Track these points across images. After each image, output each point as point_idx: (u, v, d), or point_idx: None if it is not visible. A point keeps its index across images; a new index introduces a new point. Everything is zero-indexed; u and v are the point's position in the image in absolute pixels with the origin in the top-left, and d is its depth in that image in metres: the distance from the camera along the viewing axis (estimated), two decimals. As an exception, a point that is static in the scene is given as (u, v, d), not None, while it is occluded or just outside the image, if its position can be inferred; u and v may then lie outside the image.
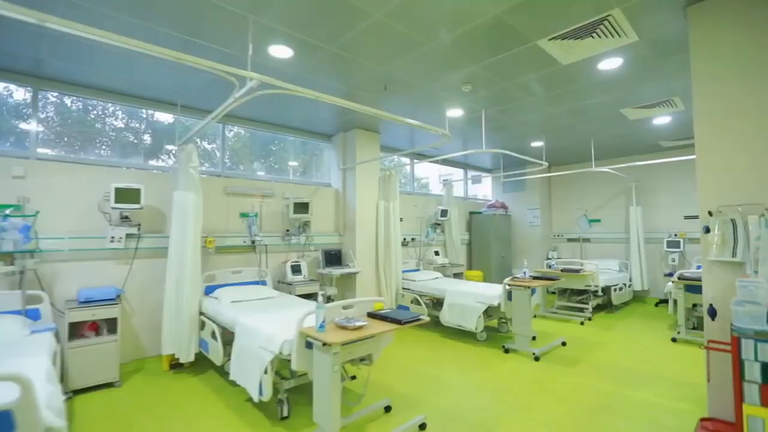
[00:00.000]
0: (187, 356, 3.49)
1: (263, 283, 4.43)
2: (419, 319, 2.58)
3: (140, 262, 3.84)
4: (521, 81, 3.72)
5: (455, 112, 4.65)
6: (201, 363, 3.74)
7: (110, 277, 3.67)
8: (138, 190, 3.56)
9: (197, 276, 3.64)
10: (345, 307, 2.77)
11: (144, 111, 4.33)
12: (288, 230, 4.95)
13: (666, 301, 6.52)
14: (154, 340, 3.82)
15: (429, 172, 7.91)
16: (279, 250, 4.88)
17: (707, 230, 2.35)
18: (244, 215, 4.47)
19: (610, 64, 3.36)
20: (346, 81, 3.73)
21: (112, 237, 3.57)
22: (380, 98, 4.17)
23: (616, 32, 2.86)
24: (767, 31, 2.24)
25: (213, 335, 3.35)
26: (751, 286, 1.96)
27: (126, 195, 3.51)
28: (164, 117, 4.44)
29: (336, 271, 4.87)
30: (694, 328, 4.88)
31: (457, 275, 6.58)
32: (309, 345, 2.39)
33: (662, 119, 4.96)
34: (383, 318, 2.59)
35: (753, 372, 1.85)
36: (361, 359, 2.79)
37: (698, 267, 6.10)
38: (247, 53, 3.07)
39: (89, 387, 3.17)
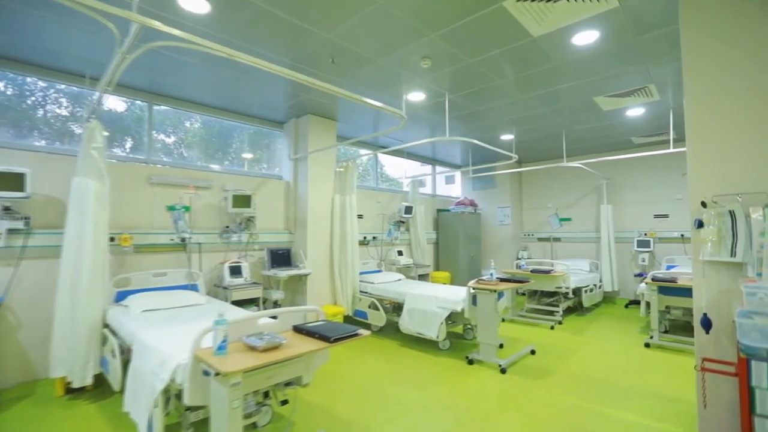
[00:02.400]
0: (81, 379, 2.84)
1: (194, 287, 3.81)
2: (356, 335, 2.06)
3: (31, 264, 3.15)
4: (487, 57, 3.28)
5: (416, 96, 4.17)
6: (107, 386, 3.08)
7: (-13, 282, 2.97)
8: (21, 176, 2.88)
9: (100, 280, 2.99)
10: (273, 317, 2.24)
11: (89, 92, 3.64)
12: (227, 227, 4.33)
13: (636, 302, 6.31)
14: (48, 359, 3.13)
15: (402, 170, 7.39)
16: (217, 249, 4.26)
17: (700, 224, 1.96)
18: (171, 209, 3.83)
19: (586, 37, 2.97)
20: (287, 51, 3.18)
21: (-13, 232, 2.87)
22: (331, 79, 3.65)
23: (594, -6, 2.46)
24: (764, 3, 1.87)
25: (113, 352, 2.73)
26: (761, 293, 1.56)
27: (4, 181, 2.82)
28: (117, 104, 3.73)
29: (283, 273, 4.30)
30: (665, 332, 4.62)
31: (422, 277, 6.13)
32: (208, 372, 1.84)
33: (636, 110, 4.67)
34: (310, 333, 2.06)
35: (767, 404, 1.45)
36: (287, 383, 2.25)
37: (668, 267, 5.91)
38: (162, 7, 2.48)
39: (-58, 423, 2.48)
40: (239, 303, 3.90)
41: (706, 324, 1.87)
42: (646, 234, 6.44)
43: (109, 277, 3.23)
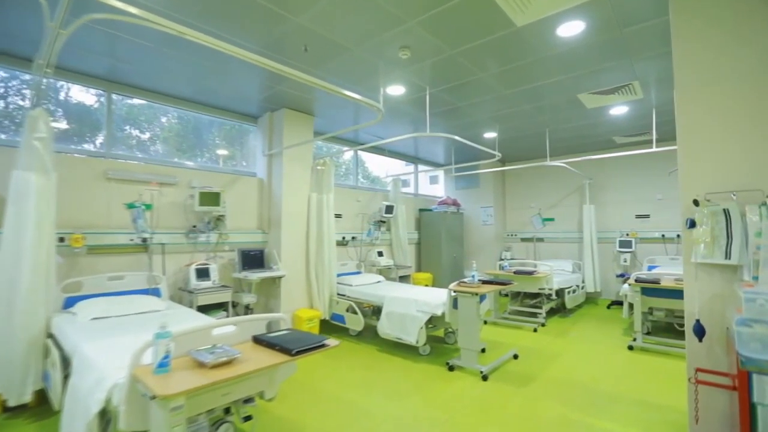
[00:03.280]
0: (18, 396, 2.54)
1: (155, 292, 3.53)
2: (322, 346, 1.86)
3: (-35, 267, 2.83)
4: (469, 48, 3.12)
5: (396, 90, 3.99)
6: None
7: None
8: (-50, 167, 2.57)
9: (43, 284, 2.69)
10: (235, 324, 2.02)
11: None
12: (195, 226, 4.06)
13: (618, 303, 6.28)
14: (-15, 373, 2.82)
15: (384, 169, 7.18)
16: (182, 250, 3.98)
17: (692, 224, 1.83)
18: (130, 206, 3.53)
19: (571, 29, 2.83)
20: (255, 37, 2.95)
21: None
22: (304, 69, 3.42)
23: (580, -20, 2.31)
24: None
25: (56, 366, 2.45)
26: (761, 299, 1.42)
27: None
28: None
29: (255, 275, 4.05)
30: (648, 333, 4.55)
31: (403, 278, 5.96)
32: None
33: (619, 109, 4.60)
34: (270, 345, 1.85)
35: (770, 423, 1.31)
36: (246, 400, 2.04)
37: (649, 268, 5.89)
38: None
39: None
40: (206, 308, 3.65)
41: (699, 331, 1.73)
42: (627, 234, 6.42)
43: (57, 282, 2.94)
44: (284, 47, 3.11)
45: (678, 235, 5.97)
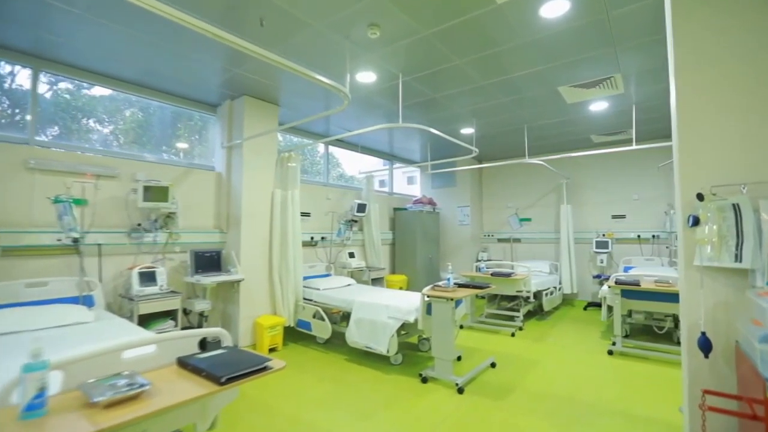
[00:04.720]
0: None
1: (87, 300, 3.07)
2: (263, 369, 1.51)
3: None
4: (445, 29, 2.83)
5: (366, 77, 3.67)
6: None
7: None
8: None
9: (-67, 294, 2.23)
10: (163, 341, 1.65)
11: None
12: (139, 224, 3.61)
13: (594, 304, 6.18)
14: None
15: (358, 166, 6.82)
16: (124, 251, 3.53)
17: (695, 222, 1.58)
18: (57, 201, 3.06)
19: (555, 8, 2.59)
20: (203, 6, 2.57)
21: None
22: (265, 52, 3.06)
23: (567, -52, 2.06)
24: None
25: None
26: (788, 312, 1.18)
27: None
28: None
29: (208, 279, 3.64)
30: (626, 336, 4.41)
31: (376, 281, 5.64)
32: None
33: (599, 104, 4.44)
34: (196, 370, 1.49)
35: (807, 466, 1.06)
36: (172, 437, 1.66)
37: (625, 269, 5.81)
38: None
39: None
40: (150, 317, 3.23)
41: (706, 346, 1.49)
42: (604, 235, 6.33)
43: (-44, 290, 2.47)
44: (238, 21, 2.73)
45: (654, 236, 5.91)
